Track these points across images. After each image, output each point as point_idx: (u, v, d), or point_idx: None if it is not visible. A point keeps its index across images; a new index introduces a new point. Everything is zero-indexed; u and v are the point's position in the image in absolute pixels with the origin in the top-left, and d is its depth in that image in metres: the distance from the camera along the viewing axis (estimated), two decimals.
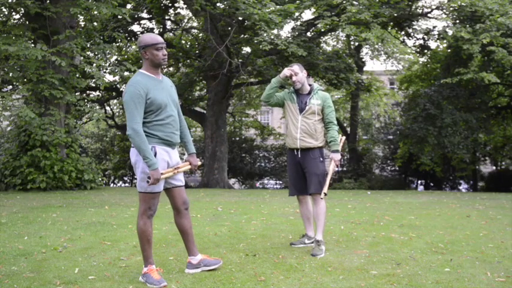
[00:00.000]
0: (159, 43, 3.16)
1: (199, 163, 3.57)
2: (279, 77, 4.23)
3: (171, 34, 18.96)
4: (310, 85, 4.33)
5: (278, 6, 12.37)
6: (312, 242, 4.27)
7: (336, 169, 4.43)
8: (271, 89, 4.27)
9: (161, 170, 3.15)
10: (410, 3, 14.19)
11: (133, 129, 3.05)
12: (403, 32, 16.69)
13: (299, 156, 4.26)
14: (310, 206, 4.37)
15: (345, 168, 21.96)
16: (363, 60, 20.84)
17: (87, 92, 16.76)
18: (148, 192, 3.18)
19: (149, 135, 3.15)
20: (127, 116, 3.09)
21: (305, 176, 4.28)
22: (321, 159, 4.27)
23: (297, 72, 4.22)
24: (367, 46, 17.76)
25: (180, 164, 3.38)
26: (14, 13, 11.86)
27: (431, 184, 21.96)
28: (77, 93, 13.03)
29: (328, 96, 4.34)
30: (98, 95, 17.95)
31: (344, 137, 4.67)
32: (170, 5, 16.27)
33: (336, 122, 4.31)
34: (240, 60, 14.25)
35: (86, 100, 14.22)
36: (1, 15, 11.63)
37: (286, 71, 4.17)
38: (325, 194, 4.07)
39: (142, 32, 17.16)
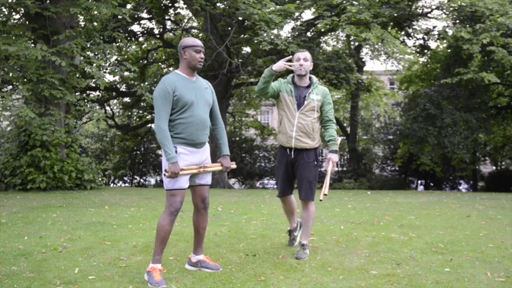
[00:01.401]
0: (198, 46, 3.31)
1: (234, 166, 3.57)
2: (271, 69, 3.72)
3: (171, 34, 18.98)
4: (310, 78, 4.00)
5: (278, 6, 12.37)
6: (300, 230, 4.16)
7: (336, 169, 4.29)
8: (264, 82, 3.80)
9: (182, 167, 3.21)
10: (410, 3, 14.19)
11: (157, 125, 3.18)
12: (403, 32, 16.70)
13: (292, 156, 3.94)
14: (293, 201, 4.16)
15: (345, 168, 21.96)
16: (363, 60, 20.83)
17: (87, 92, 16.76)
18: (169, 189, 3.25)
19: (172, 134, 3.23)
20: (155, 112, 3.22)
21: (293, 177, 4.04)
22: (315, 163, 3.97)
23: (307, 58, 3.89)
24: (367, 46, 17.77)
25: (209, 163, 3.42)
26: (14, 13, 11.86)
27: (431, 184, 21.96)
28: (77, 93, 13.03)
29: (328, 91, 4.03)
30: (98, 95, 17.96)
31: (341, 137, 4.52)
32: (170, 5, 16.28)
33: (335, 121, 4.06)
34: (240, 60, 14.26)
35: (86, 100, 14.24)
36: (1, 15, 11.63)
37: (281, 64, 3.69)
38: (325, 195, 3.83)
39: (142, 32, 17.21)
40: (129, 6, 15.21)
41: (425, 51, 16.81)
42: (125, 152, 22.96)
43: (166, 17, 17.19)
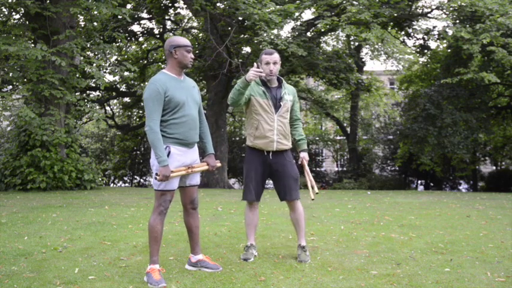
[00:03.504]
0: (190, 46, 3.31)
1: (219, 164, 3.57)
2: (245, 80, 3.52)
3: (171, 34, 18.97)
4: (277, 77, 3.85)
5: (278, 6, 12.37)
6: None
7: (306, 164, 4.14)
8: (239, 94, 3.59)
9: (173, 168, 3.20)
10: (410, 3, 14.19)
11: (149, 126, 3.15)
12: (403, 32, 16.70)
13: (270, 157, 3.81)
14: (258, 213, 4.00)
15: (345, 168, 21.97)
16: (363, 60, 20.85)
17: (87, 92, 16.78)
18: (159, 190, 3.24)
19: (165, 134, 3.21)
20: (146, 113, 3.19)
21: (265, 180, 3.91)
22: (294, 161, 3.93)
23: (276, 61, 3.73)
24: (367, 46, 17.77)
25: (197, 163, 3.41)
26: (14, 13, 11.87)
27: (431, 184, 21.97)
28: (77, 93, 13.04)
29: (295, 90, 3.94)
30: (98, 95, 17.97)
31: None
32: (170, 5, 16.29)
33: (301, 118, 4.04)
34: (240, 60, 14.26)
35: (86, 100, 14.27)
36: (1, 15, 11.63)
37: (252, 75, 3.45)
38: (317, 193, 3.71)
39: (142, 32, 17.22)
40: (129, 6, 15.21)
41: (425, 51, 16.82)
42: (125, 152, 22.97)
43: (166, 17, 17.19)
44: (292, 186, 3.82)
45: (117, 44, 16.23)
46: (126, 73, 12.78)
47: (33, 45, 10.98)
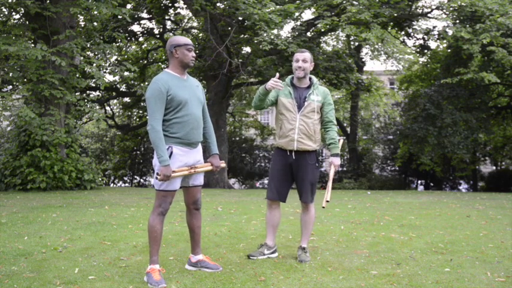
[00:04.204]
0: (190, 44, 3.29)
1: (223, 165, 3.55)
2: (265, 88, 3.61)
3: (171, 34, 18.98)
4: (309, 78, 3.87)
5: (278, 6, 12.38)
6: (272, 253, 3.92)
7: (337, 169, 4.13)
8: (260, 100, 3.73)
9: (175, 169, 3.19)
10: (410, 3, 14.19)
11: (151, 125, 3.13)
12: (403, 32, 16.71)
13: (293, 157, 3.80)
14: (279, 214, 3.99)
15: (345, 168, 21.98)
16: (363, 60, 20.85)
17: (87, 92, 16.77)
18: (160, 190, 3.22)
19: (167, 134, 3.20)
20: (148, 112, 3.18)
21: (291, 180, 3.90)
22: (317, 164, 3.86)
23: (306, 59, 3.76)
24: (367, 46, 17.78)
25: (200, 163, 3.39)
26: (14, 13, 11.87)
27: (431, 184, 21.97)
28: (77, 93, 13.03)
29: (328, 92, 3.90)
30: (98, 95, 17.97)
31: (342, 138, 4.26)
32: (170, 5, 16.29)
33: (335, 122, 3.94)
34: (240, 60, 14.26)
35: (86, 100, 14.26)
36: (1, 15, 11.63)
37: (271, 84, 3.53)
38: (327, 201, 3.71)
39: (142, 32, 17.23)
40: (129, 6, 15.21)
41: (425, 51, 16.83)
42: (125, 152, 22.97)
43: (166, 17, 17.20)
44: (307, 190, 3.82)
45: (117, 44, 16.23)
46: (126, 73, 12.78)
47: (33, 45, 10.97)
